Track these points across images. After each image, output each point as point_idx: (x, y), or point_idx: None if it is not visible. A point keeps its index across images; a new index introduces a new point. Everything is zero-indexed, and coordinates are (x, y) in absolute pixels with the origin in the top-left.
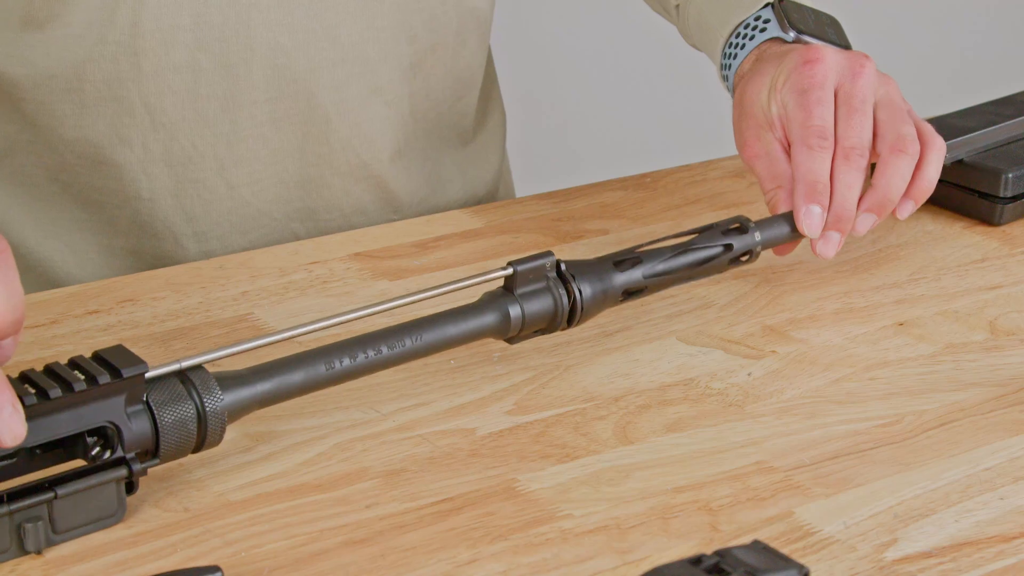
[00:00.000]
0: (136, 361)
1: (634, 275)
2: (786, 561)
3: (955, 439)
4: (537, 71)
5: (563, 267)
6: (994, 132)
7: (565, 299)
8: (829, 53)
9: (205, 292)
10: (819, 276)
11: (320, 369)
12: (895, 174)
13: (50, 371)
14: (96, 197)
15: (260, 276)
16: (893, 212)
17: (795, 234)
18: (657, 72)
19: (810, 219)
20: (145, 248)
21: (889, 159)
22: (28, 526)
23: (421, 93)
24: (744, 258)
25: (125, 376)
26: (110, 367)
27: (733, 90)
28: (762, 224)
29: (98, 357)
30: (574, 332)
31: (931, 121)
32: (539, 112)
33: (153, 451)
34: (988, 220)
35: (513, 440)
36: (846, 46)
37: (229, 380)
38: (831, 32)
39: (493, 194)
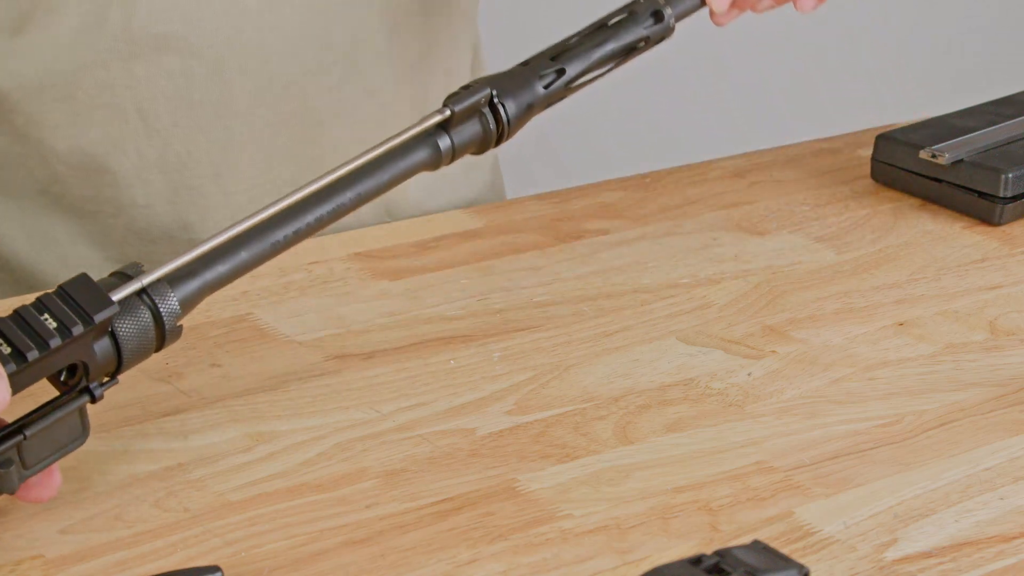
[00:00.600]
0: (104, 299)
1: (559, 83)
2: (786, 561)
3: (955, 439)
4: None
5: (495, 99)
6: (994, 132)
7: (494, 125)
8: None
9: None
10: (819, 276)
11: (265, 244)
12: None
13: (23, 322)
14: (90, 207)
15: (260, 276)
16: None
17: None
18: (657, 72)
19: None
20: (141, 256)
21: None
22: (2, 472)
23: (419, 95)
24: (658, 24)
25: (98, 322)
26: (80, 312)
27: None
28: (674, 1)
29: (67, 298)
30: (574, 332)
31: (931, 121)
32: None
33: (116, 369)
34: (988, 220)
35: (513, 440)
36: None
37: (178, 276)
38: None
39: (487, 194)
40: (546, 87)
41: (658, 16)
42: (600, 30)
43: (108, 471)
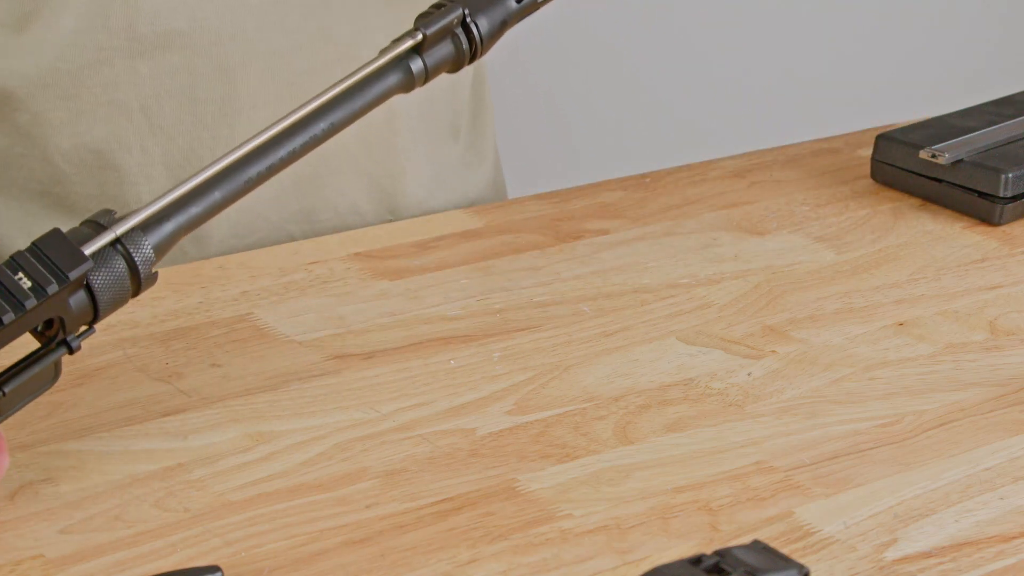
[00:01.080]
0: (77, 255)
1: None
2: (786, 561)
3: (955, 439)
4: (536, 71)
5: (468, 18)
6: (994, 132)
7: (467, 44)
8: None
9: (205, 292)
10: (819, 276)
11: (239, 182)
12: None
13: None
14: (92, 206)
15: (260, 276)
16: None
17: None
18: (657, 72)
19: None
20: None
21: None
22: None
23: (421, 93)
24: None
25: (72, 279)
26: (55, 270)
27: None
28: None
29: (41, 255)
30: (574, 332)
31: (931, 121)
32: (538, 112)
33: (92, 319)
34: (988, 220)
35: (513, 440)
36: None
37: (151, 222)
38: None
39: (489, 193)
40: (518, 1)
41: None
42: None
43: (108, 471)
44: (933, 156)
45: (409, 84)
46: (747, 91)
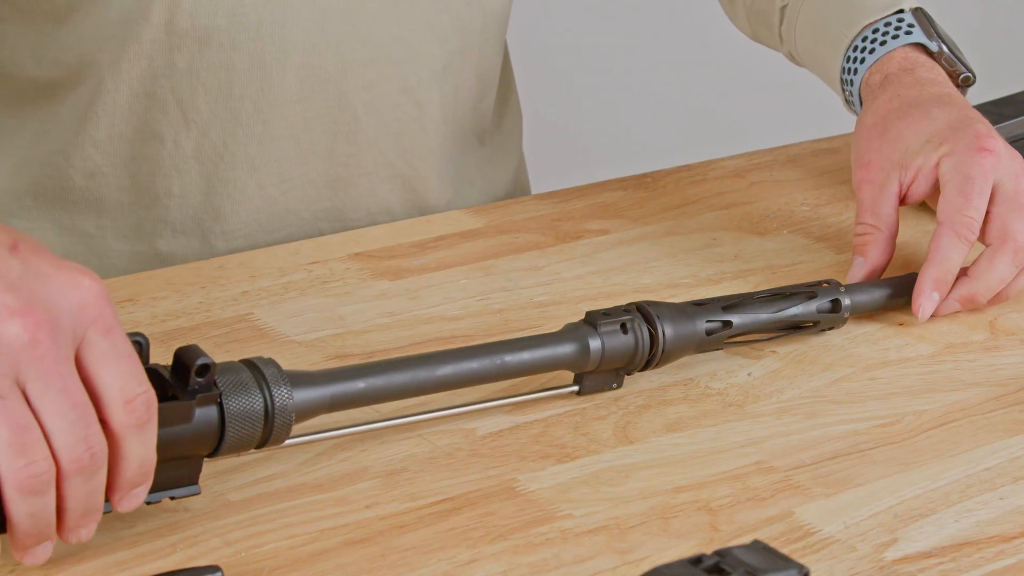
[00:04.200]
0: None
1: (715, 314)
2: (786, 561)
3: (955, 439)
4: (536, 71)
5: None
6: None
7: (647, 337)
8: (1001, 147)
9: (205, 292)
10: (819, 276)
11: (388, 379)
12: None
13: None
14: (124, 199)
15: (260, 276)
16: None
17: (888, 302)
18: (658, 72)
19: (929, 304)
20: (172, 248)
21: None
22: None
23: (450, 95)
24: (833, 312)
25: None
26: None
27: (859, 96)
28: (853, 289)
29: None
30: None
31: None
32: (538, 112)
33: (216, 446)
34: None
35: (513, 440)
36: (973, 73)
37: (299, 378)
38: (962, 56)
39: (512, 193)
40: (708, 333)
41: (836, 305)
42: (777, 298)
43: None
44: None
45: (582, 361)
46: (747, 91)
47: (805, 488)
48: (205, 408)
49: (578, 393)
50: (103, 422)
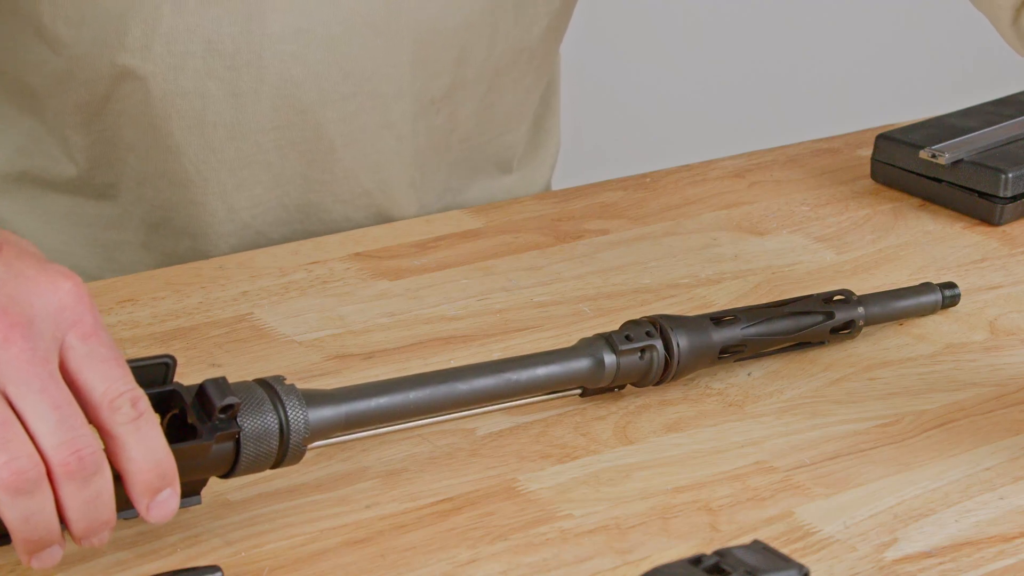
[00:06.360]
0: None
1: (733, 332)
2: (786, 561)
3: (955, 439)
4: None
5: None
6: (994, 132)
7: (663, 360)
8: None
9: (205, 292)
10: (819, 276)
11: (404, 396)
12: None
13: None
14: (110, 193)
15: (260, 276)
16: None
17: (901, 314)
18: (658, 72)
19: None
20: (147, 260)
21: None
22: None
23: (445, 127)
24: (845, 331)
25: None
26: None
27: None
28: (868, 302)
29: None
30: (574, 332)
31: (931, 121)
32: None
33: (230, 469)
34: (988, 220)
35: (513, 440)
36: None
37: (314, 397)
38: None
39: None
40: (722, 351)
41: (849, 324)
42: (796, 315)
43: None
44: (933, 156)
45: (597, 376)
46: (747, 91)
47: (805, 488)
48: (222, 444)
49: (581, 395)
50: (99, 427)
